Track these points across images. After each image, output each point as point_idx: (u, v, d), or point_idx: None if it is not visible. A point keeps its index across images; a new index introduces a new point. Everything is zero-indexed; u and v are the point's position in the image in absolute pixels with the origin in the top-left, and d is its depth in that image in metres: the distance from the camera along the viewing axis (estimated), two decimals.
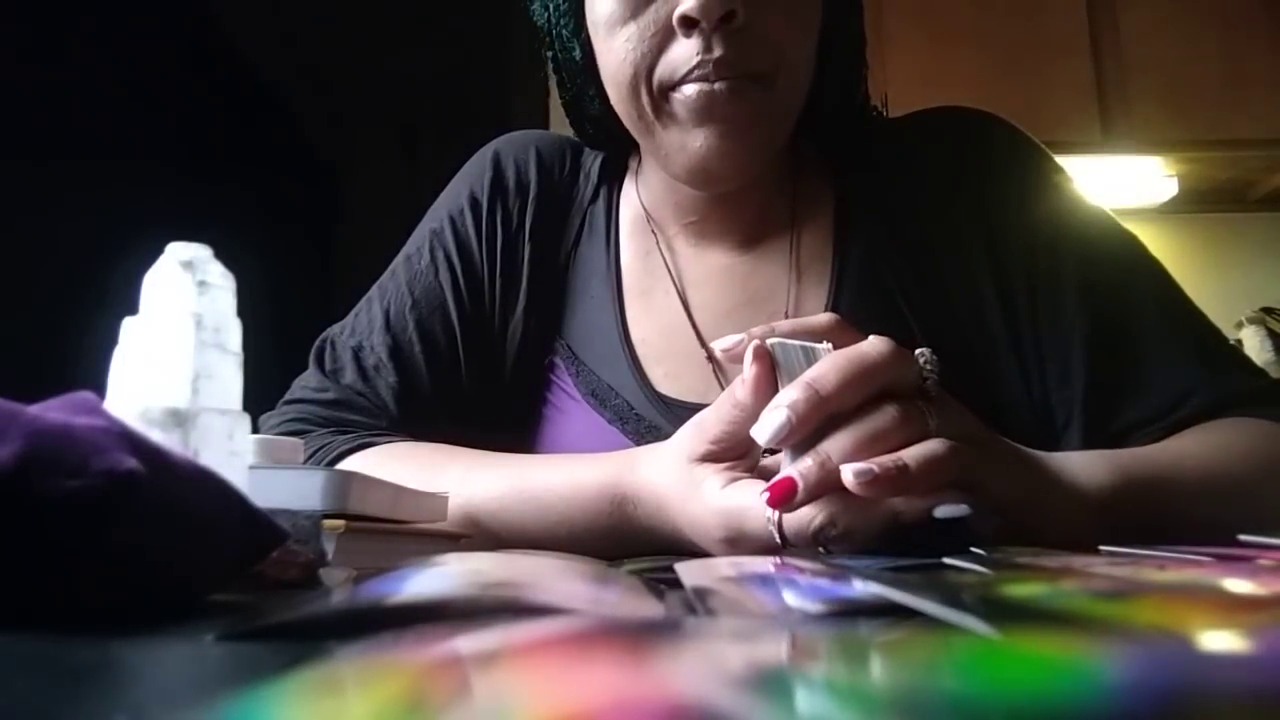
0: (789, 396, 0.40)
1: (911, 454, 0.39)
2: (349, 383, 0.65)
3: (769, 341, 0.43)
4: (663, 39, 0.56)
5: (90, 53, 2.11)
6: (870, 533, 0.40)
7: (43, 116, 1.95)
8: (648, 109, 0.57)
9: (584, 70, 0.64)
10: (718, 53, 0.54)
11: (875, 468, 0.38)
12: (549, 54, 0.67)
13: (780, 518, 0.41)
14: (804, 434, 0.40)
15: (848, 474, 0.38)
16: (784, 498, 0.39)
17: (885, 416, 0.40)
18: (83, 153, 2.05)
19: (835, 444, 0.40)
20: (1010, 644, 0.16)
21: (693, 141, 0.57)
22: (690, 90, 0.55)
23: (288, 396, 0.67)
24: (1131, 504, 0.48)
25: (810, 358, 0.43)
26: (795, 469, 0.40)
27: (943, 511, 0.38)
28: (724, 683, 0.14)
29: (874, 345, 0.42)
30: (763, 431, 0.40)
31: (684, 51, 0.55)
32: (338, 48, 3.61)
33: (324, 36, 3.53)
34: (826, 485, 0.39)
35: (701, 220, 0.67)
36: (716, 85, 0.55)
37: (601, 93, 0.63)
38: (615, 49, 0.57)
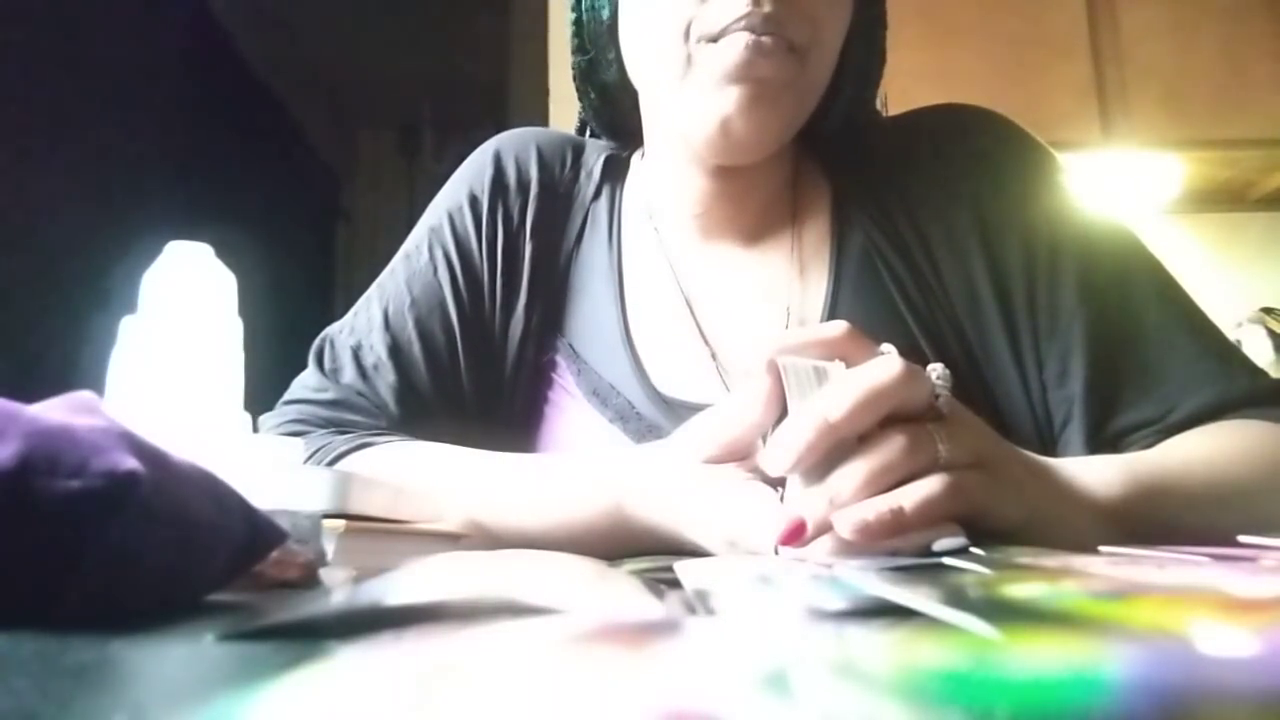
0: (798, 424, 0.40)
1: (909, 496, 0.39)
2: (348, 382, 0.65)
3: (780, 360, 0.43)
4: None
5: (91, 52, 2.11)
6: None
7: (43, 116, 1.95)
8: (680, 62, 0.57)
9: (608, 30, 0.64)
10: (766, 9, 0.54)
11: (870, 515, 0.38)
12: (574, 14, 0.67)
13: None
14: (813, 461, 0.41)
15: (843, 525, 0.39)
16: (794, 538, 0.40)
17: (894, 447, 0.40)
18: (83, 152, 2.05)
19: (844, 480, 0.40)
20: (1010, 644, 0.16)
21: (721, 101, 0.56)
22: (734, 40, 0.54)
23: (287, 396, 0.67)
24: (1143, 512, 0.48)
25: (821, 377, 0.42)
26: (806, 509, 0.40)
27: (941, 545, 0.39)
28: (724, 683, 0.14)
29: (885, 366, 0.41)
30: (773, 463, 0.41)
31: (731, 2, 0.54)
32: (338, 48, 3.61)
33: (325, 37, 3.53)
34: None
35: (705, 213, 0.67)
36: (763, 38, 0.54)
37: (620, 58, 0.64)
38: (655, 1, 0.57)
